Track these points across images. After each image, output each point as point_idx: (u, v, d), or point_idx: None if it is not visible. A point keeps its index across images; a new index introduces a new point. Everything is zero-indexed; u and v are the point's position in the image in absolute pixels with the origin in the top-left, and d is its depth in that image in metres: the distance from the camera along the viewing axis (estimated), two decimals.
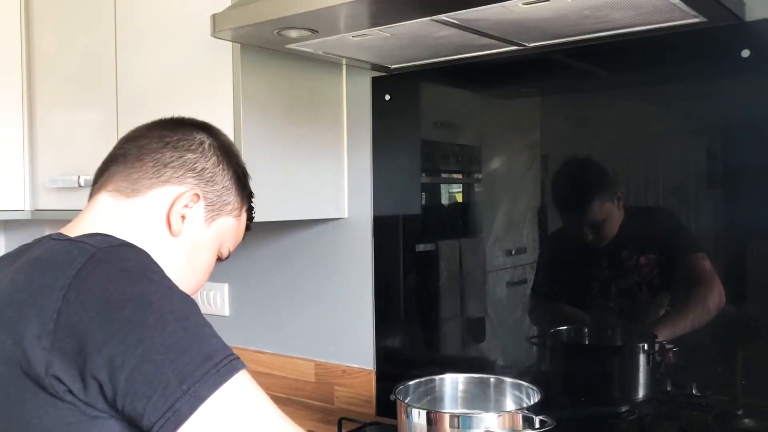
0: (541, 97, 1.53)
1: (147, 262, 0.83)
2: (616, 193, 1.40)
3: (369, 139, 1.72)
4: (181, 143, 0.97)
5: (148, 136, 0.97)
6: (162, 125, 1.00)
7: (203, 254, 1.01)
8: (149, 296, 0.76)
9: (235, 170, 1.03)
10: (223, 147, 1.01)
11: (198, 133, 0.99)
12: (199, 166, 0.97)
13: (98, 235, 0.87)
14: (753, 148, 1.25)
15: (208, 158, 0.98)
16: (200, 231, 0.99)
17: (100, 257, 0.79)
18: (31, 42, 1.95)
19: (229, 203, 1.02)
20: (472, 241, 1.61)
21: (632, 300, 1.38)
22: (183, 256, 0.97)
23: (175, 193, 0.95)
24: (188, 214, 0.96)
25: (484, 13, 1.12)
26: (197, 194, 0.96)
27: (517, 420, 1.19)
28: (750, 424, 1.27)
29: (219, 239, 1.03)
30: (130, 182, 0.94)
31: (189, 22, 1.54)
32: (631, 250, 1.38)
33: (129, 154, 0.96)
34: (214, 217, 1.00)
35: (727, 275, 1.30)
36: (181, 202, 0.95)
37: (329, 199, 1.73)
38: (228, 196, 1.01)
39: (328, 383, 1.83)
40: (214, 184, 0.98)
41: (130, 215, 0.93)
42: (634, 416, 1.38)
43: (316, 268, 1.85)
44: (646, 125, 1.37)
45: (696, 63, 1.29)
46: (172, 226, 0.95)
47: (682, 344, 1.36)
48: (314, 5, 1.11)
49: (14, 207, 1.96)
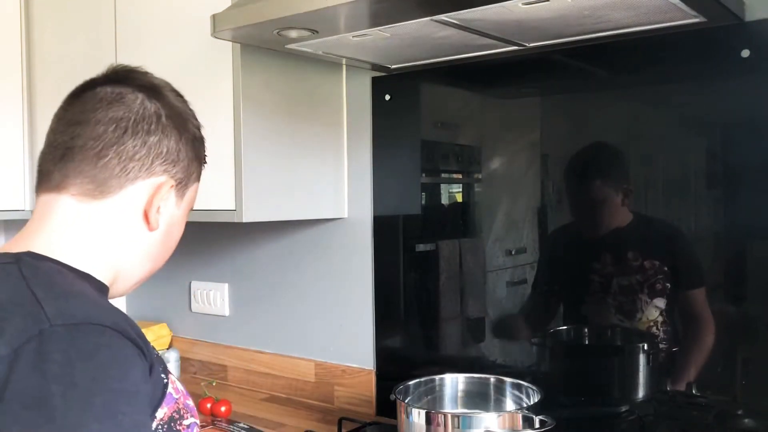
0: (541, 97, 1.53)
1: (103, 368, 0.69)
2: (621, 184, 1.40)
3: (369, 139, 1.72)
4: (138, 125, 0.87)
5: (96, 118, 0.86)
6: (103, 97, 0.88)
7: (177, 231, 0.96)
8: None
9: (193, 135, 0.94)
10: (176, 112, 0.92)
11: (148, 101, 0.89)
12: (163, 149, 0.89)
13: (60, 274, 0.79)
14: (753, 148, 1.25)
15: (168, 135, 0.89)
16: (174, 213, 0.93)
17: (49, 338, 0.68)
18: (31, 42, 1.95)
19: (194, 171, 0.95)
20: (472, 241, 1.61)
21: (631, 299, 1.38)
22: (159, 243, 0.92)
23: (149, 189, 0.88)
24: (163, 205, 0.90)
25: (484, 14, 1.12)
26: (172, 185, 0.90)
27: (517, 420, 1.19)
28: (750, 424, 1.27)
29: (189, 208, 0.97)
30: (96, 184, 0.85)
31: (189, 22, 1.54)
32: (637, 252, 1.38)
33: (86, 148, 0.85)
34: (182, 192, 0.93)
35: (727, 275, 1.30)
36: (159, 197, 0.89)
37: (329, 199, 1.73)
38: (192, 166, 0.94)
39: (328, 383, 1.83)
40: (180, 161, 0.91)
41: (101, 219, 0.86)
42: (634, 416, 1.38)
43: (316, 268, 1.85)
44: (646, 125, 1.37)
45: (696, 63, 1.29)
46: (151, 222, 0.89)
47: (682, 344, 1.36)
48: (314, 5, 1.11)
49: (14, 207, 1.95)
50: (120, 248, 0.88)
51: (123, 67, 0.93)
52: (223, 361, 2.06)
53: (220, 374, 2.06)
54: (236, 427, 1.65)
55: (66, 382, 0.66)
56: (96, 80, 0.91)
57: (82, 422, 0.65)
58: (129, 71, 0.92)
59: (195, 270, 2.10)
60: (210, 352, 2.09)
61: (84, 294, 0.79)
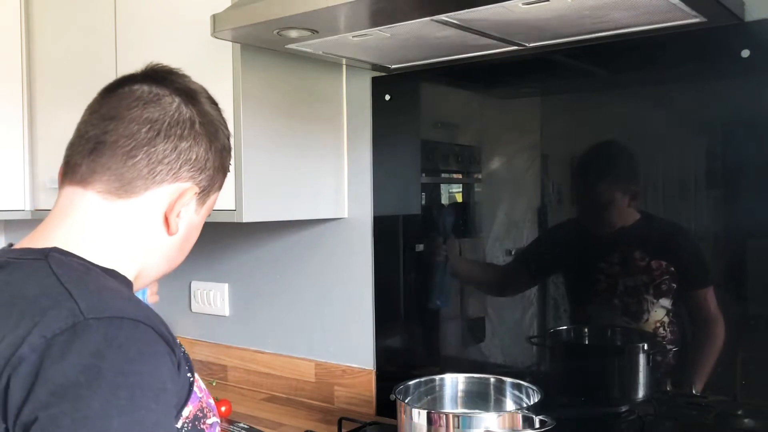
0: (541, 97, 1.53)
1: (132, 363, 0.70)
2: (630, 186, 1.40)
3: (369, 139, 1.72)
4: (171, 128, 0.86)
5: (131, 116, 0.86)
6: (140, 96, 0.87)
7: (194, 236, 0.96)
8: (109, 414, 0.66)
9: (222, 145, 0.94)
10: (210, 120, 0.92)
11: (184, 106, 0.88)
12: (193, 155, 0.89)
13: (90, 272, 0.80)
14: (753, 147, 1.25)
15: (200, 142, 0.89)
16: (193, 219, 0.93)
17: (83, 330, 0.69)
18: (31, 42, 1.95)
19: (218, 180, 0.95)
20: (472, 241, 1.61)
21: (637, 299, 1.38)
22: (176, 247, 0.93)
23: (173, 194, 0.88)
24: (183, 211, 0.90)
25: (484, 14, 1.12)
26: (195, 192, 0.90)
27: (517, 420, 1.19)
28: (750, 424, 1.27)
29: (207, 215, 0.97)
30: (123, 183, 0.85)
31: (189, 22, 1.54)
32: (644, 252, 1.38)
33: (117, 145, 0.85)
34: (204, 200, 0.93)
35: (727, 275, 1.30)
36: (181, 203, 0.89)
37: (329, 199, 1.73)
38: (217, 175, 0.94)
39: (328, 383, 1.83)
40: (206, 169, 0.91)
41: (124, 219, 0.86)
42: (634, 416, 1.38)
43: (316, 268, 1.85)
44: (646, 125, 1.37)
45: (696, 63, 1.29)
46: (171, 227, 0.89)
47: (682, 345, 1.36)
48: (314, 5, 1.11)
49: (14, 207, 1.96)
50: (140, 249, 0.88)
51: (162, 67, 0.93)
52: (223, 361, 2.06)
53: (220, 374, 2.06)
54: (236, 427, 1.65)
55: (94, 373, 0.66)
56: (134, 77, 0.91)
57: (105, 413, 0.65)
58: (168, 72, 0.93)
59: (195, 270, 2.10)
60: (210, 352, 2.09)
61: (116, 289, 0.79)
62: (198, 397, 0.84)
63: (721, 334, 1.30)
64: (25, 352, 0.67)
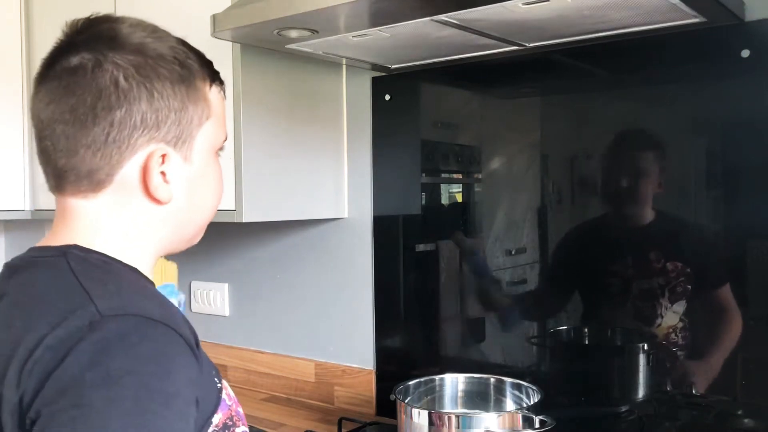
0: (541, 97, 1.53)
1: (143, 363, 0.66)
2: (657, 179, 1.38)
3: (369, 139, 1.72)
4: (96, 106, 0.75)
5: (52, 116, 0.77)
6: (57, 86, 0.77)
7: (207, 186, 0.85)
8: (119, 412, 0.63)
9: (174, 77, 0.80)
10: (138, 64, 0.77)
11: (98, 71, 0.75)
12: (137, 117, 0.76)
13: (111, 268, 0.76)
14: (753, 147, 1.25)
15: (135, 98, 0.76)
16: (187, 172, 0.82)
17: (97, 328, 0.66)
18: (31, 42, 1.95)
19: (194, 115, 0.81)
20: (472, 241, 1.61)
21: (651, 302, 1.37)
22: (184, 210, 0.83)
23: (139, 167, 0.78)
24: (168, 172, 0.79)
25: (484, 14, 1.12)
26: (163, 154, 0.78)
27: (517, 420, 1.19)
28: (750, 424, 1.27)
29: (209, 150, 0.84)
30: (87, 179, 0.78)
31: (189, 22, 1.54)
32: (659, 253, 1.36)
33: (57, 149, 0.78)
34: (189, 145, 0.81)
35: (726, 274, 1.30)
36: (152, 172, 0.78)
37: (329, 199, 1.73)
38: (187, 112, 0.80)
39: (328, 383, 1.83)
40: (163, 120, 0.78)
41: (113, 212, 0.80)
42: (634, 416, 1.38)
43: (316, 268, 1.85)
44: (646, 125, 1.37)
45: (696, 63, 1.29)
46: (161, 197, 0.79)
47: (682, 344, 1.36)
48: (314, 5, 1.11)
49: (14, 207, 1.96)
50: (147, 234, 0.81)
51: (71, 28, 0.83)
52: (223, 361, 2.06)
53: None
54: None
55: (100, 371, 0.63)
56: (52, 55, 0.81)
57: (105, 413, 0.62)
58: (75, 32, 0.82)
59: (195, 270, 2.10)
60: (210, 352, 2.07)
61: (135, 285, 0.76)
62: (227, 405, 0.81)
63: (738, 328, 1.28)
64: (40, 353, 0.65)
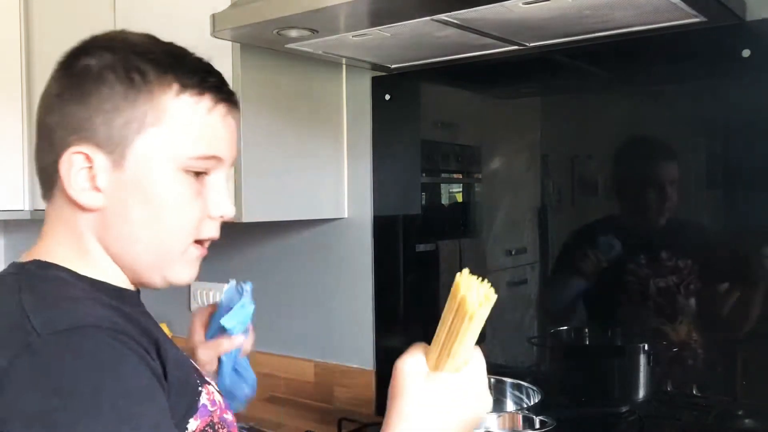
0: (541, 97, 1.53)
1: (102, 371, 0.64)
2: (670, 176, 1.36)
3: (369, 138, 1.72)
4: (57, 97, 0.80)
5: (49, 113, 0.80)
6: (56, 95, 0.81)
7: (143, 194, 0.77)
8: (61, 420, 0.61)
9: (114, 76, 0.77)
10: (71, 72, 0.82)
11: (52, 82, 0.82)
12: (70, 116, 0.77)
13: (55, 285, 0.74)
14: (753, 147, 1.25)
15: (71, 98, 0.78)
16: (118, 178, 0.76)
17: (41, 349, 0.63)
18: (31, 42, 1.95)
19: (132, 119, 0.76)
20: (472, 241, 1.61)
21: (668, 300, 1.36)
22: (121, 222, 0.77)
23: (58, 171, 0.76)
24: (97, 176, 0.76)
25: (484, 13, 1.12)
26: (85, 153, 0.75)
27: (517, 420, 1.19)
28: (750, 424, 1.27)
29: (161, 161, 0.77)
30: (41, 181, 0.81)
31: (189, 22, 1.54)
32: (664, 252, 1.35)
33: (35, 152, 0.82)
34: (122, 149, 0.76)
35: (726, 274, 1.30)
36: (73, 172, 0.75)
37: (329, 199, 1.73)
38: (120, 114, 0.76)
39: (328, 383, 1.83)
40: (94, 119, 0.76)
41: (63, 220, 0.79)
42: (634, 416, 1.38)
43: (316, 268, 1.85)
44: (646, 125, 1.37)
45: (696, 63, 1.29)
46: (83, 201, 0.76)
47: (682, 344, 1.36)
48: (314, 5, 1.11)
49: (14, 207, 1.96)
50: (88, 244, 0.78)
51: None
52: None
53: None
54: None
55: (66, 393, 0.61)
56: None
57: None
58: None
59: None
60: None
61: (79, 298, 0.73)
62: (209, 411, 0.79)
63: (742, 328, 1.27)
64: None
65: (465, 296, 0.74)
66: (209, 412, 0.79)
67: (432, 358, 0.79)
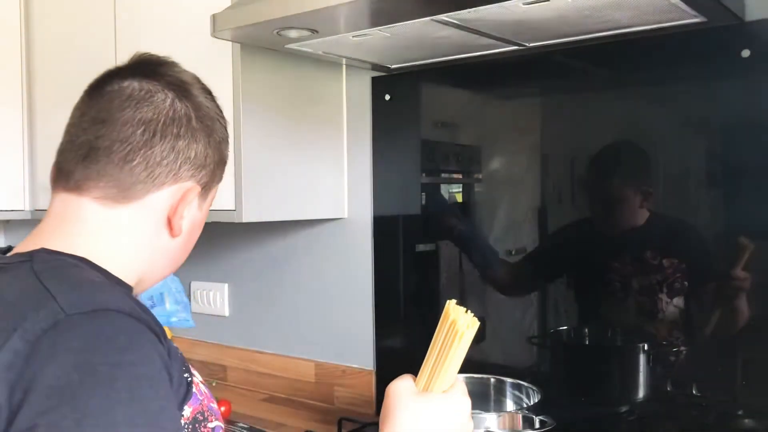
0: (541, 97, 1.53)
1: (122, 353, 0.68)
2: (641, 186, 1.38)
3: (369, 139, 1.72)
4: (167, 128, 0.83)
5: (124, 118, 0.82)
6: (130, 95, 0.83)
7: (197, 232, 0.93)
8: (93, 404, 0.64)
9: (221, 138, 0.91)
10: (206, 114, 0.88)
11: (178, 102, 0.85)
12: (192, 153, 0.85)
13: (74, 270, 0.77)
14: (753, 148, 1.25)
15: (198, 139, 0.86)
16: (196, 216, 0.90)
17: (67, 328, 0.67)
18: (31, 42, 1.95)
19: (218, 174, 0.92)
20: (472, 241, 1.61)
21: (651, 298, 1.37)
22: (180, 247, 0.90)
23: (174, 195, 0.85)
24: (186, 209, 0.87)
25: (484, 14, 1.12)
26: (198, 190, 0.87)
27: (517, 420, 1.19)
28: (750, 424, 1.27)
29: (209, 208, 0.94)
30: (121, 189, 0.82)
31: (189, 22, 1.54)
32: (654, 251, 1.36)
33: (112, 151, 0.81)
34: (205, 195, 0.90)
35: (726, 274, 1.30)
36: (184, 204, 0.86)
37: (329, 199, 1.73)
38: (218, 168, 0.91)
39: (328, 383, 1.83)
40: (207, 166, 0.87)
41: (125, 225, 0.83)
42: (634, 416, 1.38)
43: (316, 268, 1.85)
44: (646, 125, 1.37)
45: (696, 63, 1.29)
46: (174, 229, 0.86)
47: (682, 344, 1.36)
48: (314, 5, 1.11)
49: (14, 207, 1.96)
50: (143, 253, 0.86)
51: (149, 58, 0.90)
52: (222, 362, 2.06)
53: (219, 374, 2.06)
54: (236, 428, 1.65)
55: (86, 369, 0.65)
56: (122, 71, 0.87)
57: (106, 409, 0.64)
58: (158, 63, 0.90)
59: (195, 270, 2.10)
60: (210, 352, 2.09)
61: (98, 282, 0.77)
62: (198, 400, 0.83)
63: (740, 327, 1.28)
64: (8, 358, 0.65)
65: (455, 319, 0.85)
66: (198, 401, 0.83)
67: (421, 382, 0.88)
